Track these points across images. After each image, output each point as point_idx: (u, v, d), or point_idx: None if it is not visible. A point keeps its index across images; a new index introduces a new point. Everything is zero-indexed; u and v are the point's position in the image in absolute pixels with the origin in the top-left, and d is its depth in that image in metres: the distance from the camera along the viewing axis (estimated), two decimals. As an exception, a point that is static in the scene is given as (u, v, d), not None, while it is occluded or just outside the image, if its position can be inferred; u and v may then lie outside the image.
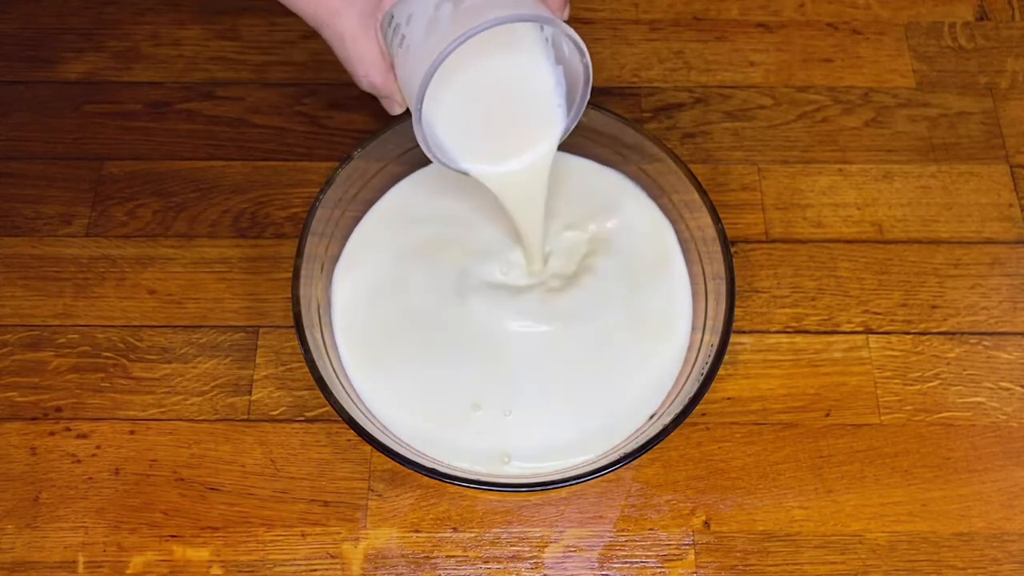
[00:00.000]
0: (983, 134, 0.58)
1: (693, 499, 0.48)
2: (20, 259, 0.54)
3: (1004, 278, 0.54)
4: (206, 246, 0.54)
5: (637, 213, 0.52)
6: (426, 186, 0.53)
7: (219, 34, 0.61)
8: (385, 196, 0.53)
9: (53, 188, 0.56)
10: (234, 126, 0.58)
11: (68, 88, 0.59)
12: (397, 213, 0.52)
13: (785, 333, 0.52)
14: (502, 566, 0.46)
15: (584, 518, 0.48)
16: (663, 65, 0.61)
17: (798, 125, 0.59)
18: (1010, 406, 0.50)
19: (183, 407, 0.50)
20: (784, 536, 0.47)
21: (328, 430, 0.49)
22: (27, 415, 0.50)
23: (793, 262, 0.54)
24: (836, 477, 0.48)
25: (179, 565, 0.46)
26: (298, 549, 0.47)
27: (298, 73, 0.60)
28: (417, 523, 0.47)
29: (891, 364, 0.51)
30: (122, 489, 0.48)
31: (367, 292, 0.50)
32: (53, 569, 0.46)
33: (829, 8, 0.63)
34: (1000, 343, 0.52)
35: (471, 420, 0.47)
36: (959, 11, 0.63)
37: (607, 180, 0.53)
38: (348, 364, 0.48)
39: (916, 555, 0.47)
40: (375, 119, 0.58)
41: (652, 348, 0.49)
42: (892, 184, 0.57)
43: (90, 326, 0.52)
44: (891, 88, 0.60)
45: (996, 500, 0.48)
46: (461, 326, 0.49)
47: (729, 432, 0.50)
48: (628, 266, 0.50)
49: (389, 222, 0.52)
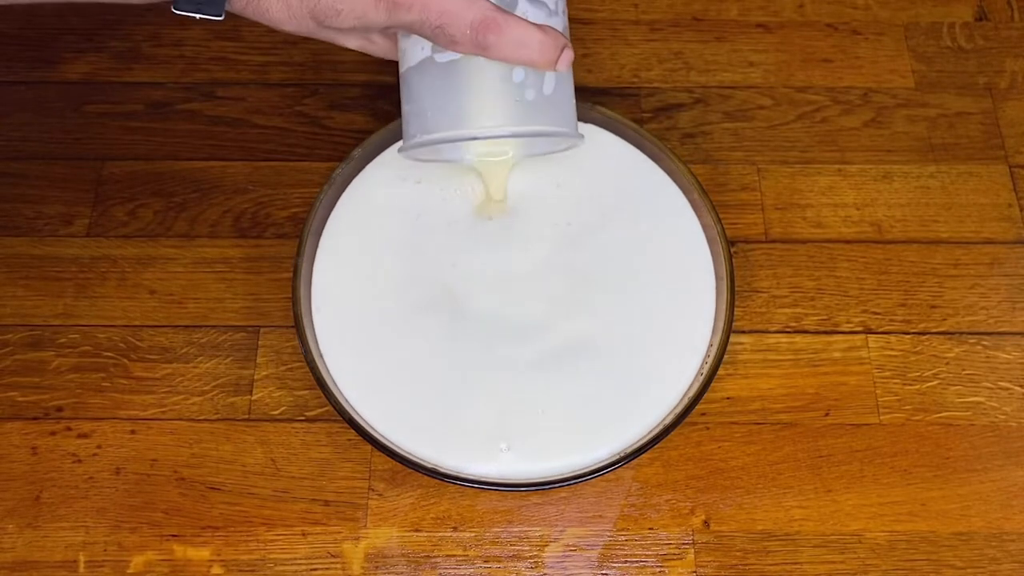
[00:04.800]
0: (982, 134, 0.58)
1: (693, 498, 0.48)
2: (21, 259, 0.54)
3: (1003, 278, 0.54)
4: (207, 246, 0.54)
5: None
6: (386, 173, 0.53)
7: (220, 34, 0.61)
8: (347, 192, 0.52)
9: (54, 188, 0.56)
10: (235, 126, 0.58)
11: (69, 88, 0.59)
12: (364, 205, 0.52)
13: (784, 333, 0.52)
14: (502, 565, 0.47)
15: (584, 517, 0.48)
16: (663, 65, 0.61)
17: (797, 125, 0.59)
18: (1009, 406, 0.50)
19: (184, 407, 0.50)
20: (783, 535, 0.47)
21: (328, 430, 0.49)
22: (28, 415, 0.50)
23: (792, 262, 0.54)
24: (835, 477, 0.49)
25: (180, 564, 0.46)
26: (299, 548, 0.47)
27: (299, 73, 0.60)
28: (417, 522, 0.47)
29: (890, 364, 0.51)
30: (123, 489, 0.48)
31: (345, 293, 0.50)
32: (54, 568, 0.46)
33: (828, 8, 0.63)
34: (999, 343, 0.52)
35: (467, 419, 0.47)
36: (958, 11, 0.63)
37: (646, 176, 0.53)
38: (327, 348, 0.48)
39: (915, 555, 0.47)
40: (375, 119, 0.58)
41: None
42: (891, 184, 0.57)
43: (91, 326, 0.52)
44: (890, 88, 0.60)
45: (995, 500, 0.48)
46: (453, 337, 0.49)
47: (729, 432, 0.50)
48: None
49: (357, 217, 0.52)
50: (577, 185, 0.52)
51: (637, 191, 0.52)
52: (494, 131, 0.43)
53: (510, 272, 0.50)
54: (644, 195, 0.52)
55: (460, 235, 0.51)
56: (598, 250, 0.50)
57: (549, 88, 0.43)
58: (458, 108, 0.42)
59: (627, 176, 0.52)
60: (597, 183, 0.52)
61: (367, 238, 0.51)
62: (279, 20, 0.41)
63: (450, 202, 0.51)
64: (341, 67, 0.60)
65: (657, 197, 0.52)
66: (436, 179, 0.52)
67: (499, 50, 0.40)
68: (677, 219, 0.51)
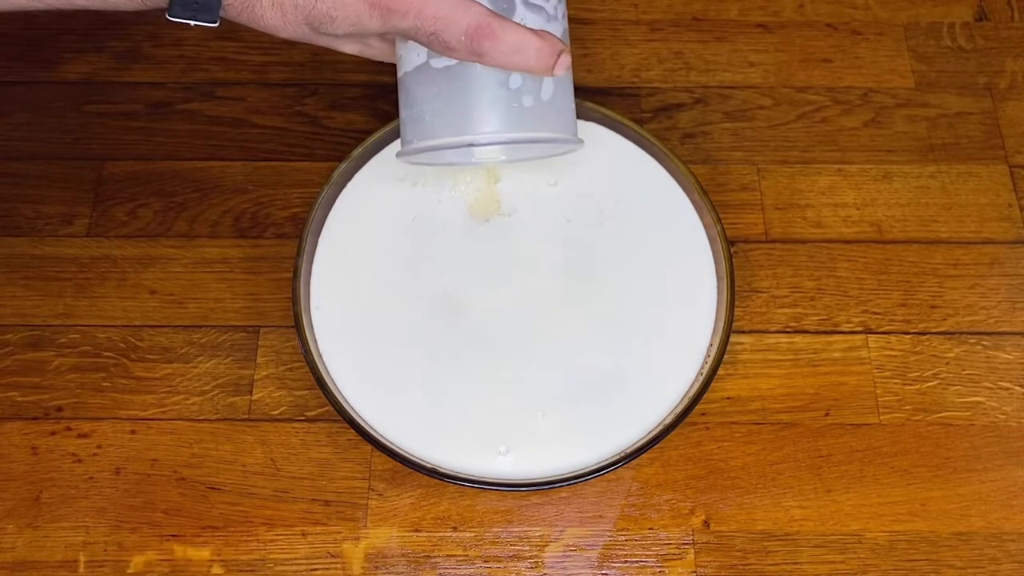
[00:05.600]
0: (982, 134, 0.58)
1: (692, 498, 0.48)
2: (21, 259, 0.54)
3: (1003, 278, 0.54)
4: (207, 246, 0.54)
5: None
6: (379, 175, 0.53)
7: (219, 34, 0.61)
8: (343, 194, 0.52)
9: (54, 188, 0.56)
10: (235, 126, 0.58)
11: (69, 88, 0.59)
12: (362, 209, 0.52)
13: (784, 333, 0.52)
14: (502, 565, 0.47)
15: (584, 517, 0.48)
16: (663, 65, 0.61)
17: (797, 125, 0.59)
18: (1009, 406, 0.50)
19: (184, 407, 0.50)
20: (783, 535, 0.47)
21: (328, 430, 0.49)
22: (28, 415, 0.50)
23: (792, 262, 0.54)
24: (835, 477, 0.49)
25: (180, 564, 0.46)
26: (299, 548, 0.47)
27: (298, 73, 0.60)
28: (417, 522, 0.47)
29: (890, 364, 0.51)
30: (123, 489, 0.48)
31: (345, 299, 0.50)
32: (54, 568, 0.46)
33: (828, 8, 0.63)
34: (999, 343, 0.52)
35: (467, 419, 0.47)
36: (958, 11, 0.63)
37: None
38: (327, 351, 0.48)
39: (915, 554, 0.47)
40: (375, 119, 0.58)
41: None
42: (891, 184, 0.57)
43: (91, 326, 0.52)
44: (890, 88, 0.60)
45: (995, 500, 0.48)
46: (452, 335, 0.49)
47: (728, 432, 0.50)
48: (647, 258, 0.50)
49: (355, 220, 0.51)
50: (575, 183, 0.52)
51: (637, 190, 0.52)
52: (490, 138, 0.43)
53: (508, 272, 0.50)
54: (644, 194, 0.52)
55: (459, 235, 0.51)
56: (597, 249, 0.50)
57: (548, 93, 0.43)
58: (455, 114, 0.42)
59: (626, 174, 0.52)
60: (596, 181, 0.52)
61: (367, 238, 0.51)
62: (274, 27, 0.41)
63: (448, 203, 0.51)
64: (341, 67, 0.60)
65: (657, 196, 0.52)
66: (434, 180, 0.52)
67: (495, 57, 0.40)
68: (677, 219, 0.51)
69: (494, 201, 0.51)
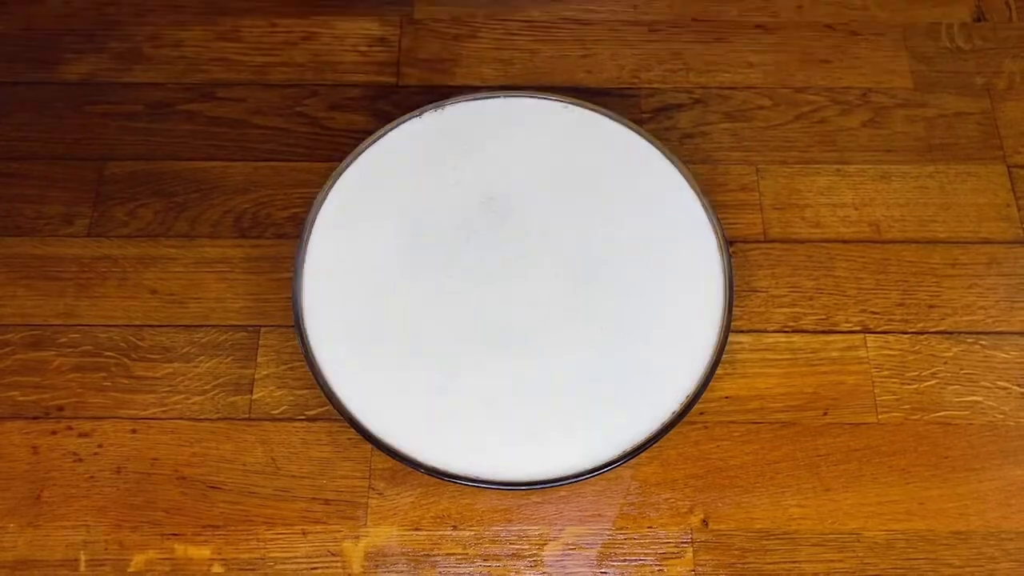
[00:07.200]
0: (980, 134, 0.58)
1: (691, 497, 0.48)
2: (22, 259, 0.54)
3: (1001, 278, 0.54)
4: (207, 246, 0.55)
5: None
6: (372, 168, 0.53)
7: (220, 35, 0.61)
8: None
9: (55, 188, 0.56)
10: (235, 127, 0.58)
11: (70, 89, 0.59)
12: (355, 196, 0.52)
13: (783, 332, 0.52)
14: (502, 564, 0.47)
15: (583, 516, 0.48)
16: (662, 66, 0.61)
17: (796, 126, 0.59)
18: (1007, 405, 0.51)
19: (184, 406, 0.50)
20: (782, 534, 0.47)
21: (329, 429, 0.50)
22: (29, 414, 0.50)
23: (791, 262, 0.54)
24: (834, 476, 0.49)
25: (180, 563, 0.47)
26: (299, 547, 0.47)
27: (299, 74, 0.60)
28: (417, 521, 0.48)
29: (888, 363, 0.52)
30: (124, 488, 0.48)
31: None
32: (55, 567, 0.46)
33: (827, 9, 0.63)
34: (997, 342, 0.52)
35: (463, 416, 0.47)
36: (957, 12, 0.63)
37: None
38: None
39: (914, 553, 0.47)
40: (375, 120, 0.58)
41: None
42: (890, 184, 0.57)
43: (92, 326, 0.52)
44: (889, 89, 0.60)
45: (993, 498, 0.48)
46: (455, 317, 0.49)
47: (727, 431, 0.50)
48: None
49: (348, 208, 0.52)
50: (575, 183, 0.52)
51: (637, 190, 0.52)
52: None
53: (508, 271, 0.50)
54: (644, 192, 0.52)
55: (459, 236, 0.51)
56: (596, 250, 0.50)
57: None
58: None
59: (627, 174, 0.52)
60: (596, 181, 0.52)
61: (367, 239, 0.51)
62: None
63: (449, 202, 0.52)
64: (341, 68, 0.60)
65: (657, 196, 0.52)
66: (435, 180, 0.52)
67: None
68: (677, 219, 0.51)
69: (494, 201, 0.51)
